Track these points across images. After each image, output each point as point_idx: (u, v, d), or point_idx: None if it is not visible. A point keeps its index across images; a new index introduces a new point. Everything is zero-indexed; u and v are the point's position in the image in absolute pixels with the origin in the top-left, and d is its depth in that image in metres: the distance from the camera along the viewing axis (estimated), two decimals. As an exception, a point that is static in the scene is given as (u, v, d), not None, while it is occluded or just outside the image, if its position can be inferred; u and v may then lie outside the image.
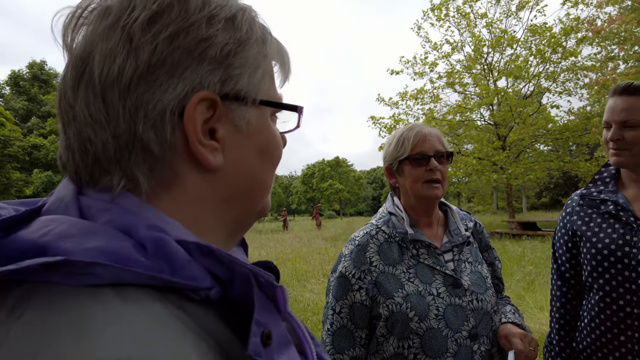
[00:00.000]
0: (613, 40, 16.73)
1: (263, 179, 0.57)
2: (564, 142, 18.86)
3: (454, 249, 1.50)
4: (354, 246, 1.46)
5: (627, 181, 1.59)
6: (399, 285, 1.37)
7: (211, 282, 0.44)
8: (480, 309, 1.41)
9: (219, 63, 0.49)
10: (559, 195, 46.13)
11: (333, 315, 1.42)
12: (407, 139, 1.48)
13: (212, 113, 0.50)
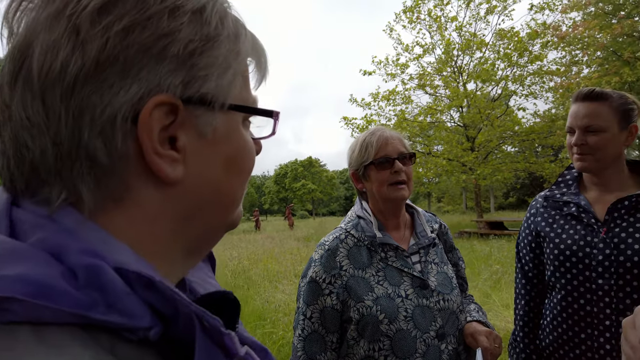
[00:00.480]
0: (577, 45, 17.31)
1: (231, 192, 0.51)
2: (530, 144, 19.44)
3: (420, 250, 1.53)
4: (323, 251, 1.47)
5: (588, 184, 1.65)
6: (368, 288, 1.39)
7: (151, 321, 0.38)
8: (446, 309, 1.44)
9: (181, 62, 0.43)
10: (525, 195, 47.44)
11: (304, 321, 1.42)
12: (370, 144, 1.49)
13: (173, 119, 0.43)
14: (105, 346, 0.35)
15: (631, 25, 15.39)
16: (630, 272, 1.43)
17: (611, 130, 1.51)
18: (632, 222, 1.48)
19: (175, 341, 0.39)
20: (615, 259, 1.45)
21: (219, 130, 0.47)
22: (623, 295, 1.45)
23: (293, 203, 61.19)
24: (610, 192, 1.57)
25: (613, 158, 1.54)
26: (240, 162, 0.51)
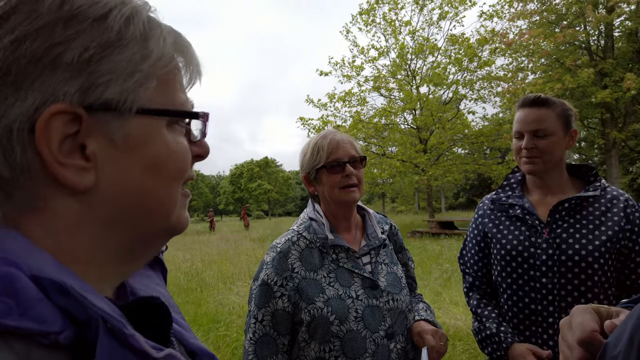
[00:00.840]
0: (523, 53, 18.07)
1: (158, 196, 0.50)
2: (479, 146, 20.17)
3: (371, 252, 1.55)
4: (275, 253, 1.47)
5: (532, 187, 1.73)
6: (320, 290, 1.40)
7: (62, 325, 0.38)
8: (396, 308, 1.47)
9: (77, 70, 0.42)
10: (474, 195, 49.15)
11: (255, 324, 1.42)
12: (322, 147, 1.50)
13: (78, 127, 0.43)
14: (21, 352, 0.35)
15: (572, 35, 16.24)
16: (571, 270, 1.51)
17: (557, 134, 1.60)
18: (572, 223, 1.57)
19: (89, 344, 0.39)
20: (557, 258, 1.53)
21: (131, 136, 0.46)
22: (565, 293, 1.52)
23: (249, 203, 60.51)
24: (551, 195, 1.65)
25: (557, 161, 1.63)
26: (164, 166, 0.50)
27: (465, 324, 4.83)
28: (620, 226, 1.53)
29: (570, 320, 0.75)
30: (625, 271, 1.56)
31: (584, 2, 16.36)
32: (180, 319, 0.62)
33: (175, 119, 0.52)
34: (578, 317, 0.73)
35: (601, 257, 1.50)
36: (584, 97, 16.85)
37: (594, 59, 17.66)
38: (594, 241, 1.52)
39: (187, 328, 0.62)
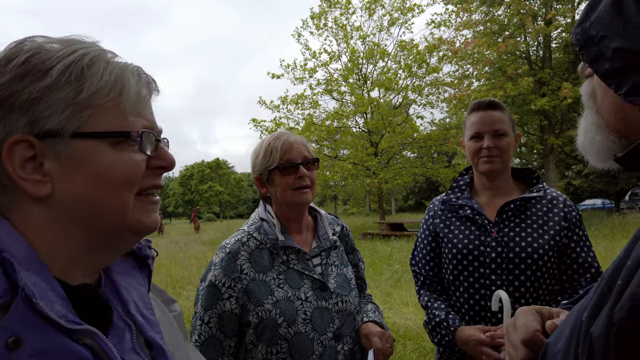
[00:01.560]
0: (468, 60, 18.78)
1: (105, 201, 0.63)
2: (427, 150, 20.79)
3: (322, 253, 1.55)
4: (224, 254, 1.44)
5: (479, 189, 1.81)
6: (269, 292, 1.39)
7: (3, 292, 0.52)
8: (344, 310, 1.48)
9: (25, 110, 0.58)
10: (422, 198, 50.50)
11: (202, 326, 1.39)
12: (275, 149, 1.49)
13: (34, 152, 0.59)
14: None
15: (514, 45, 17.06)
16: (518, 267, 1.60)
17: (510, 136, 1.71)
18: (517, 222, 1.66)
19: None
20: (506, 256, 1.61)
21: (74, 154, 0.60)
22: (513, 289, 1.60)
23: (199, 205, 59.22)
24: (498, 197, 1.74)
25: (509, 161, 1.73)
26: (108, 177, 0.62)
27: (415, 324, 4.95)
28: (560, 225, 1.64)
29: (514, 321, 0.79)
30: (561, 266, 1.66)
31: (524, 14, 17.24)
32: (150, 315, 0.73)
33: (119, 139, 0.64)
34: (521, 319, 0.78)
35: (545, 254, 1.59)
36: (524, 104, 17.74)
37: (534, 69, 18.67)
38: (538, 239, 1.61)
39: (153, 323, 0.72)
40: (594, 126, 0.70)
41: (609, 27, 0.62)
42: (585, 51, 0.67)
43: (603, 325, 0.52)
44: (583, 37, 0.67)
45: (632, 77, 0.59)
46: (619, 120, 0.65)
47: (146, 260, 0.79)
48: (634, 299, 0.49)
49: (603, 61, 0.63)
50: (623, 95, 0.61)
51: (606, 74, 0.63)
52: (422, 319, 1.88)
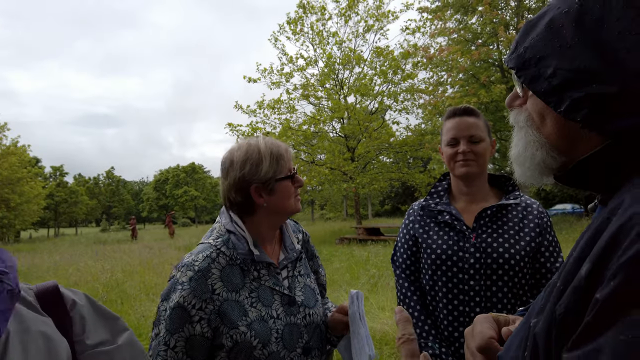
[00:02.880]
0: (442, 67, 19.13)
1: None
2: (403, 156, 20.99)
3: (288, 265, 1.49)
4: (193, 272, 1.30)
5: (457, 194, 1.84)
6: (242, 312, 1.30)
7: None
8: (312, 323, 1.44)
9: None
10: (398, 203, 51.03)
11: (167, 351, 1.25)
12: (281, 156, 1.42)
13: None
14: None
15: (486, 53, 17.47)
16: (496, 272, 1.62)
17: (486, 141, 1.74)
18: (495, 228, 1.69)
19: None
20: (484, 261, 1.63)
21: None
22: (490, 294, 1.62)
23: (174, 210, 58.39)
24: (476, 203, 1.77)
25: (485, 167, 1.76)
26: None
27: (392, 329, 4.97)
28: (535, 231, 1.68)
29: (472, 328, 0.81)
30: (531, 270, 1.69)
31: (496, 23, 17.67)
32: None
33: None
34: (478, 326, 0.80)
35: (522, 259, 1.62)
36: (497, 111, 18.16)
37: (506, 76, 19.11)
38: (515, 245, 1.64)
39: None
40: (535, 143, 0.72)
41: (545, 48, 0.65)
42: (522, 74, 0.70)
43: (544, 323, 0.55)
44: (519, 61, 0.70)
45: (569, 94, 0.61)
46: (563, 138, 0.68)
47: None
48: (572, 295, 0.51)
49: (542, 81, 0.65)
50: (563, 113, 0.63)
51: (545, 92, 0.65)
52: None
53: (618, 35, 0.57)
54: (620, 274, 0.46)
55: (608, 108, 0.58)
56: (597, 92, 0.58)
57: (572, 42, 0.62)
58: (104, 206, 70.39)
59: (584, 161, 0.65)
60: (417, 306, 1.78)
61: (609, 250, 0.50)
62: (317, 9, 19.87)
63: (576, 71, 0.61)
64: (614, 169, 0.62)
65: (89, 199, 62.82)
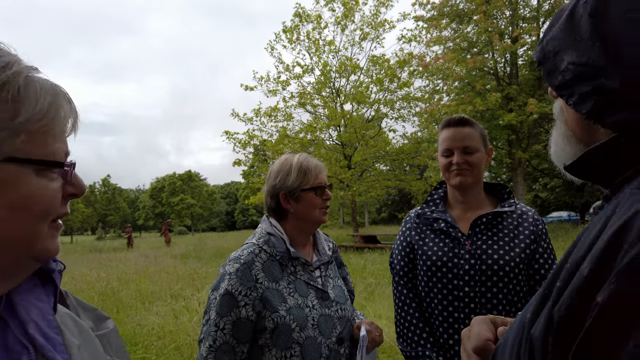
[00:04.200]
0: (438, 76, 19.25)
1: (19, 231, 0.59)
2: (399, 163, 21.05)
3: (321, 266, 1.69)
4: (239, 264, 1.52)
5: (453, 202, 1.86)
6: (282, 299, 1.50)
7: None
8: (344, 316, 1.62)
9: None
10: (395, 210, 51.08)
11: (217, 332, 1.45)
12: (309, 170, 1.63)
13: None
14: None
15: (482, 61, 17.61)
16: (490, 279, 1.63)
17: (481, 151, 1.76)
18: (490, 235, 1.70)
19: None
20: (479, 268, 1.64)
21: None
22: (485, 301, 1.64)
23: (170, 218, 58.25)
24: (471, 210, 1.79)
25: (481, 176, 1.78)
26: (29, 205, 0.59)
27: (388, 337, 4.95)
28: (530, 238, 1.69)
29: (469, 330, 0.82)
30: (525, 278, 1.70)
31: (491, 32, 17.81)
32: (53, 334, 0.68)
33: (43, 167, 0.61)
34: (475, 327, 0.80)
35: (516, 266, 1.64)
36: (493, 119, 18.25)
37: (501, 84, 19.26)
38: (510, 252, 1.66)
39: (55, 343, 0.67)
40: (563, 137, 0.73)
41: (563, 41, 0.66)
42: (542, 67, 0.70)
43: (542, 325, 0.54)
44: (541, 54, 0.71)
45: (578, 88, 0.62)
46: (583, 129, 0.68)
47: (50, 274, 0.73)
48: (571, 298, 0.51)
49: (557, 74, 0.66)
50: (573, 106, 0.64)
51: (559, 86, 0.66)
52: (394, 331, 1.92)
53: (623, 28, 0.57)
54: (620, 276, 0.45)
55: (610, 101, 0.58)
56: (601, 86, 0.58)
57: (584, 35, 0.61)
58: (100, 214, 70.05)
59: (588, 153, 0.65)
60: (415, 313, 1.79)
61: (610, 250, 0.49)
62: (313, 17, 19.98)
63: (585, 65, 0.61)
64: (615, 162, 0.62)
65: (85, 207, 62.60)
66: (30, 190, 0.59)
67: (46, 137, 0.62)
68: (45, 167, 0.61)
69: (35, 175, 0.60)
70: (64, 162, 0.64)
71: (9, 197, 0.57)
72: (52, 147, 0.63)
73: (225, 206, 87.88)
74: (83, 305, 1.06)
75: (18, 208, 0.58)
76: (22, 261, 0.62)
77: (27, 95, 0.59)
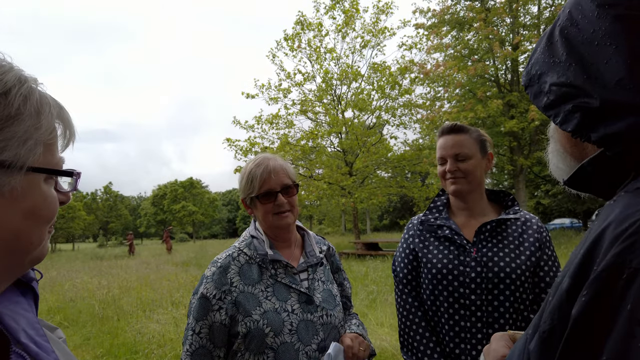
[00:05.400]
0: (439, 83, 19.29)
1: (27, 239, 0.63)
2: (401, 170, 21.02)
3: (309, 268, 1.63)
4: (215, 268, 1.53)
5: (456, 209, 1.84)
6: (257, 303, 1.47)
7: None
8: (329, 323, 1.55)
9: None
10: (397, 217, 50.96)
11: (193, 336, 1.46)
12: (255, 177, 1.57)
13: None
14: None
15: (482, 68, 17.62)
16: (497, 287, 1.61)
17: (475, 157, 1.74)
18: (495, 242, 1.69)
19: None
20: (485, 276, 1.62)
21: (16, 189, 0.59)
22: (492, 309, 1.62)
23: (172, 226, 58.20)
24: (475, 217, 1.78)
25: (479, 182, 1.77)
26: (40, 212, 0.64)
27: (390, 345, 4.93)
28: (535, 246, 1.68)
29: (489, 346, 0.83)
30: (530, 285, 1.68)
31: (492, 39, 17.86)
32: (43, 341, 0.69)
33: (49, 176, 0.65)
34: (494, 344, 0.82)
35: (522, 274, 1.62)
36: (494, 126, 18.25)
37: (502, 91, 19.27)
38: (516, 259, 1.64)
39: (47, 350, 0.69)
40: (557, 154, 0.75)
41: (544, 64, 0.68)
42: (529, 90, 0.73)
43: (536, 339, 0.56)
44: (527, 78, 0.73)
45: (563, 107, 0.64)
46: (573, 146, 0.70)
47: (30, 284, 0.75)
48: (553, 312, 0.52)
49: (542, 96, 0.68)
50: (559, 125, 0.66)
51: (545, 107, 0.68)
52: (397, 340, 1.89)
53: (596, 47, 0.58)
54: (590, 290, 0.47)
55: (593, 118, 0.60)
56: (583, 105, 0.60)
57: (562, 56, 0.64)
58: (102, 222, 70.02)
59: (582, 167, 0.67)
60: (421, 322, 1.76)
61: (584, 264, 0.51)
62: (314, 25, 20.06)
63: (565, 85, 0.63)
64: (609, 175, 0.64)
65: (87, 215, 62.54)
66: (42, 197, 0.63)
67: (53, 148, 0.66)
68: (51, 176, 0.65)
69: (44, 184, 0.64)
70: (74, 171, 0.69)
71: (25, 205, 0.61)
72: (57, 157, 0.67)
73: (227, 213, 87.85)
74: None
75: (31, 214, 0.62)
76: (15, 266, 0.65)
77: (44, 110, 0.63)
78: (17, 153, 0.58)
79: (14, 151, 0.58)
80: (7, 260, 0.62)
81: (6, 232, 0.60)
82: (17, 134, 0.58)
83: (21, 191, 0.60)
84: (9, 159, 0.57)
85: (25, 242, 0.63)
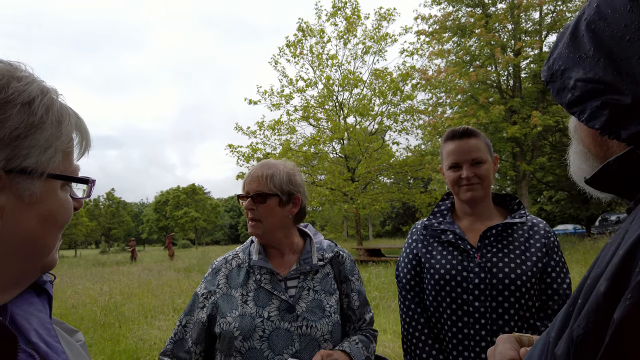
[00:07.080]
0: (441, 89, 19.31)
1: (43, 242, 0.66)
2: (403, 176, 21.03)
3: (300, 276, 1.57)
4: (210, 269, 1.64)
5: (461, 214, 1.80)
6: (233, 306, 1.50)
7: None
8: (308, 335, 1.47)
9: (7, 144, 0.58)
10: (399, 223, 50.80)
11: (178, 327, 1.56)
12: (244, 179, 1.63)
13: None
14: None
15: (484, 74, 17.65)
16: (502, 293, 1.57)
17: (488, 161, 1.70)
18: (500, 247, 1.64)
19: None
20: (489, 281, 1.58)
21: (35, 194, 0.62)
22: (496, 316, 1.57)
23: (174, 232, 58.17)
24: (480, 222, 1.73)
25: (490, 187, 1.73)
26: (56, 218, 0.66)
27: (393, 352, 4.89)
28: (542, 251, 1.63)
29: (494, 348, 0.81)
30: (537, 292, 1.64)
31: (493, 45, 17.90)
32: (54, 342, 0.70)
33: (67, 182, 0.69)
34: (500, 346, 0.79)
35: (528, 280, 1.58)
36: (497, 131, 18.24)
37: (504, 97, 19.28)
38: (521, 265, 1.60)
39: (58, 350, 0.70)
40: (579, 154, 0.73)
41: (569, 59, 0.66)
42: (551, 86, 0.70)
43: (565, 344, 0.53)
44: (549, 73, 0.71)
45: (590, 104, 0.62)
46: (597, 145, 0.68)
47: (43, 285, 0.77)
48: (589, 315, 0.50)
49: (566, 92, 0.66)
50: (585, 122, 0.63)
51: (570, 103, 0.66)
52: (400, 347, 1.87)
53: (627, 43, 0.56)
54: (636, 292, 0.44)
55: (624, 116, 0.58)
56: (612, 101, 0.58)
57: (588, 52, 0.62)
58: (104, 228, 70.09)
59: (608, 165, 0.64)
60: (424, 329, 1.72)
61: (626, 266, 0.48)
62: (316, 32, 20.16)
63: (593, 81, 0.61)
64: (630, 174, 0.62)
65: (89, 221, 62.69)
66: (58, 203, 0.67)
67: (71, 156, 0.70)
68: (67, 183, 0.69)
69: (61, 191, 0.67)
70: (89, 179, 0.73)
71: (43, 210, 0.64)
72: (74, 165, 0.71)
73: (229, 219, 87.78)
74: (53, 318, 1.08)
75: (47, 219, 0.65)
76: (29, 271, 0.67)
77: (64, 119, 0.66)
78: (38, 160, 0.61)
79: (36, 158, 0.61)
80: (22, 264, 0.64)
81: (23, 236, 0.62)
82: (39, 142, 0.61)
83: (39, 196, 0.63)
84: (31, 166, 0.60)
85: (40, 246, 0.65)
